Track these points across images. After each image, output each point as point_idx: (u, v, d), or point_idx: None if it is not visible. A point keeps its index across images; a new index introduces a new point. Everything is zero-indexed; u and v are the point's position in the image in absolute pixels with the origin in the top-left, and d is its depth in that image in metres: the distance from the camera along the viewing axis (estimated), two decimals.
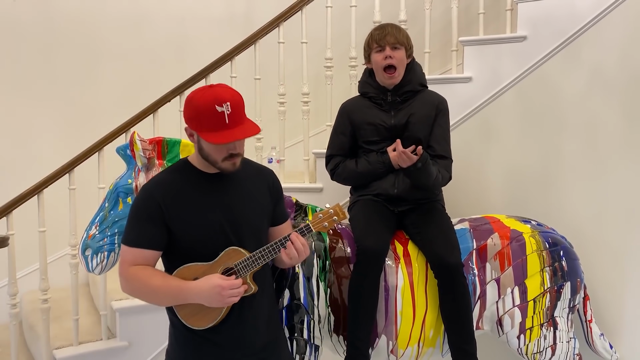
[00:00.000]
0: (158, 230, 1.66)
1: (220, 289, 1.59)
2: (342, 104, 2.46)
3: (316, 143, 3.43)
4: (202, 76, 2.92)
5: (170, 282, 1.65)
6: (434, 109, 2.33)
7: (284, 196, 1.94)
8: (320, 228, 1.70)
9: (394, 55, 2.28)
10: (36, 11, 3.41)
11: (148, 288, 1.65)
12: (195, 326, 1.69)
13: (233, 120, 1.59)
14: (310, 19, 3.10)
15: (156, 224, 1.65)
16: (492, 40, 2.91)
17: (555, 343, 2.21)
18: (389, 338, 2.17)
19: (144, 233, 1.66)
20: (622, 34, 2.52)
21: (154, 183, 1.72)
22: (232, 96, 1.61)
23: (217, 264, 1.67)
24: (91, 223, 2.09)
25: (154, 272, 1.67)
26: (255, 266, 1.66)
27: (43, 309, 2.63)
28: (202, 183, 1.71)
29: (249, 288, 1.67)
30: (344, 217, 1.71)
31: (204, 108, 1.58)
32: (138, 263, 1.67)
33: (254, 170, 1.83)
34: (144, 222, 1.66)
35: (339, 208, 1.70)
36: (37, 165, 3.16)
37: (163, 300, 1.68)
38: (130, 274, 1.67)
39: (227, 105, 1.58)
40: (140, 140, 2.03)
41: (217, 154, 1.65)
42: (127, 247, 1.68)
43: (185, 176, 1.72)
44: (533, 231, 2.28)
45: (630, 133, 2.50)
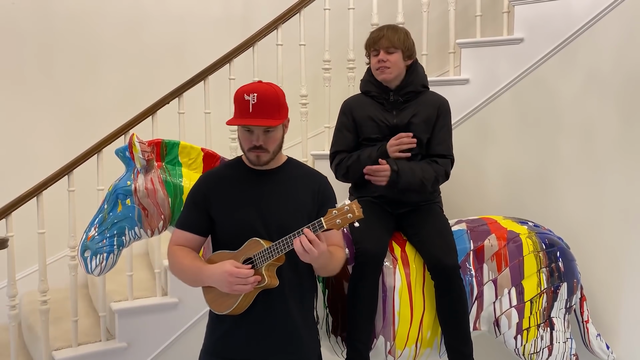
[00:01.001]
0: (200, 217, 1.81)
1: (227, 274, 1.67)
2: (344, 101, 2.47)
3: (314, 145, 3.44)
4: (200, 78, 2.93)
5: (195, 263, 1.78)
6: (436, 110, 2.34)
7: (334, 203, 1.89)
8: (332, 225, 1.64)
9: (387, 58, 2.30)
10: (35, 12, 3.42)
11: (180, 266, 1.80)
12: (216, 310, 1.79)
13: (257, 110, 1.71)
14: (309, 21, 3.12)
15: (199, 211, 1.81)
16: (489, 42, 2.92)
17: (552, 343, 2.22)
18: (387, 339, 2.18)
19: (188, 217, 1.84)
20: (617, 37, 2.54)
21: (207, 174, 1.91)
22: (264, 90, 1.74)
23: (240, 253, 1.74)
24: (90, 225, 2.10)
25: (188, 253, 1.81)
26: (271, 258, 1.69)
27: (42, 310, 2.64)
28: (247, 178, 1.83)
29: (263, 280, 1.69)
30: (359, 215, 1.62)
31: (237, 95, 1.76)
32: (181, 243, 1.83)
33: (303, 172, 1.89)
34: (191, 208, 1.84)
35: (355, 206, 1.62)
36: (36, 167, 3.16)
37: (189, 278, 1.81)
38: (170, 251, 1.84)
39: (254, 96, 1.71)
40: (139, 142, 2.04)
41: (244, 142, 1.78)
42: (176, 228, 1.86)
43: (234, 171, 1.86)
44: (530, 232, 2.30)
45: (626, 134, 2.51)
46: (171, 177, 2.11)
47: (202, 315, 2.83)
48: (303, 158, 3.12)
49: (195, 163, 2.15)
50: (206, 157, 2.15)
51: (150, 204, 2.07)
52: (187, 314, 2.84)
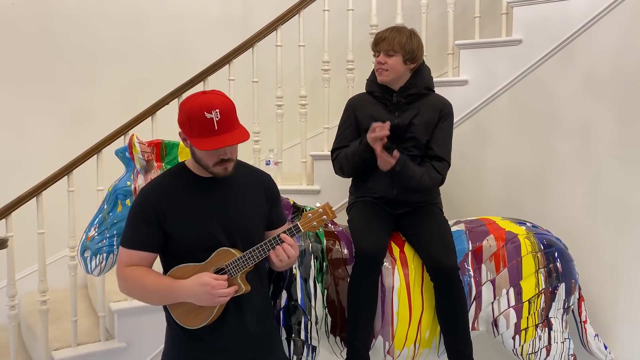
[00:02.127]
0: (153, 232, 1.70)
1: (209, 287, 1.62)
2: (349, 99, 2.48)
3: (314, 145, 3.45)
4: (200, 79, 2.94)
5: (162, 281, 1.69)
6: (438, 113, 2.34)
7: (282, 198, 1.96)
8: (309, 228, 1.70)
9: (386, 61, 2.30)
10: (35, 12, 3.42)
11: (142, 287, 1.69)
12: (189, 325, 1.71)
13: (222, 126, 1.62)
14: (308, 22, 3.12)
15: (151, 226, 1.69)
16: (488, 43, 2.93)
17: (550, 344, 2.23)
18: (386, 339, 2.19)
19: (139, 235, 1.71)
20: (615, 38, 2.55)
21: (150, 186, 1.76)
22: (222, 103, 1.63)
23: (208, 264, 1.69)
24: (90, 225, 2.10)
25: (148, 272, 1.71)
26: (246, 266, 1.68)
27: (42, 311, 2.64)
28: (198, 186, 1.74)
29: (240, 288, 1.69)
30: (333, 216, 1.71)
31: (194, 114, 1.62)
32: (134, 263, 1.71)
33: (250, 173, 1.85)
34: (140, 224, 1.71)
35: (328, 207, 1.70)
36: (36, 167, 3.16)
37: (156, 299, 1.72)
38: (126, 273, 1.71)
39: (217, 112, 1.60)
40: (139, 142, 2.04)
41: (208, 159, 1.68)
42: (124, 248, 1.73)
43: (181, 179, 1.76)
44: (528, 233, 2.31)
45: (623, 136, 2.52)
46: None
47: None
48: (302, 159, 3.13)
49: None
50: None
51: None
52: None
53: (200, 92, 1.69)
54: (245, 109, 1.74)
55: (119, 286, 1.75)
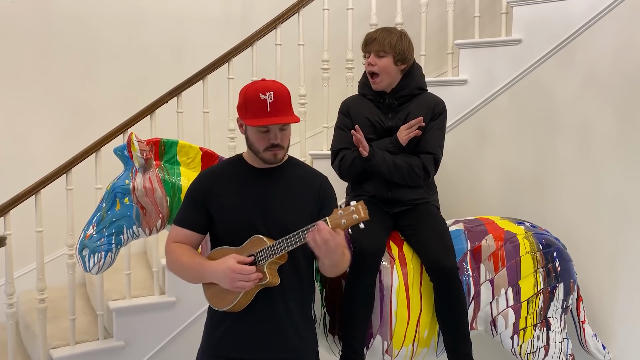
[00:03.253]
0: (199, 214, 1.80)
1: (230, 271, 1.67)
2: (343, 100, 2.48)
3: (313, 144, 3.44)
4: (199, 77, 2.93)
5: (196, 260, 1.77)
6: (430, 111, 2.34)
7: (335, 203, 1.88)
8: (337, 225, 1.61)
9: (376, 62, 2.29)
10: (34, 11, 3.41)
11: (179, 263, 1.79)
12: (216, 306, 1.78)
13: (275, 108, 1.70)
14: (307, 21, 3.12)
15: (198, 208, 1.80)
16: (488, 43, 2.93)
17: (549, 343, 2.23)
18: (384, 338, 2.19)
19: (187, 215, 1.83)
20: (615, 38, 2.55)
21: (206, 171, 1.89)
22: (277, 88, 1.73)
23: (242, 249, 1.74)
24: (88, 223, 2.10)
25: (187, 250, 1.80)
26: (273, 256, 1.68)
27: (40, 309, 2.64)
28: (248, 177, 1.81)
29: (264, 277, 1.69)
30: (365, 217, 1.58)
31: (250, 95, 1.72)
32: (179, 241, 1.82)
33: (305, 172, 1.88)
34: (189, 205, 1.83)
35: (362, 207, 1.59)
36: (34, 165, 3.16)
37: (189, 275, 1.80)
38: (169, 248, 1.83)
39: (270, 94, 1.70)
40: (137, 141, 2.04)
41: (259, 142, 1.75)
42: (174, 225, 1.85)
43: (234, 168, 1.85)
44: (527, 233, 2.30)
45: (623, 136, 2.52)
46: (169, 176, 2.11)
47: (200, 314, 2.84)
48: (301, 158, 3.13)
49: (193, 162, 2.15)
50: (204, 156, 2.15)
51: (149, 202, 2.07)
52: (184, 313, 2.84)
53: (261, 79, 1.80)
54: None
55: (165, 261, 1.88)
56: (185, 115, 2.94)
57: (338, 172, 2.39)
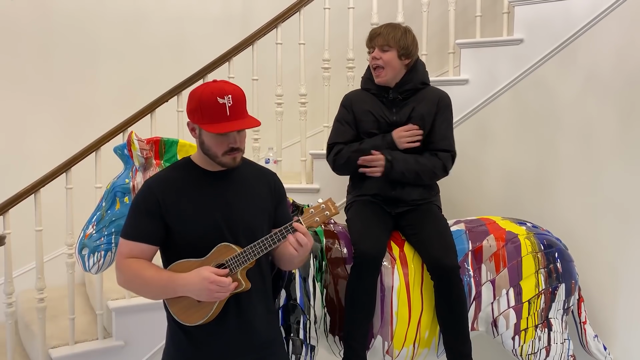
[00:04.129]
0: (155, 225, 1.68)
1: (207, 282, 1.59)
2: (346, 94, 2.47)
3: (313, 144, 3.44)
4: (199, 76, 2.93)
5: (162, 274, 1.66)
6: (435, 105, 2.35)
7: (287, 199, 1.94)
8: (311, 223, 1.66)
9: (381, 56, 2.31)
10: (34, 10, 3.41)
11: (140, 279, 1.67)
12: (186, 322, 1.69)
13: (234, 112, 1.62)
14: (308, 21, 3.11)
15: (153, 219, 1.68)
16: (489, 42, 2.92)
17: (550, 344, 2.23)
18: (385, 339, 2.18)
19: (140, 227, 1.69)
20: (617, 38, 2.54)
21: (155, 179, 1.74)
22: (234, 90, 1.64)
23: (209, 259, 1.67)
24: (88, 222, 2.09)
25: (147, 265, 1.69)
26: (246, 262, 1.66)
27: (39, 308, 2.63)
28: (203, 181, 1.72)
29: (240, 284, 1.67)
30: (335, 212, 1.67)
31: (206, 99, 1.62)
32: (134, 256, 1.69)
33: (256, 171, 1.83)
34: (141, 216, 1.69)
35: (330, 203, 1.67)
36: (34, 164, 3.16)
37: (154, 292, 1.69)
38: (124, 265, 1.69)
39: (229, 98, 1.62)
40: (137, 140, 2.03)
41: (217, 147, 1.67)
42: (124, 239, 1.71)
43: (186, 173, 1.74)
44: (528, 233, 2.30)
45: (624, 136, 2.51)
46: None
47: None
48: (302, 157, 3.12)
49: None
50: None
51: None
52: None
53: (211, 81, 1.71)
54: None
55: (117, 278, 1.73)
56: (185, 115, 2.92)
57: (332, 166, 2.40)
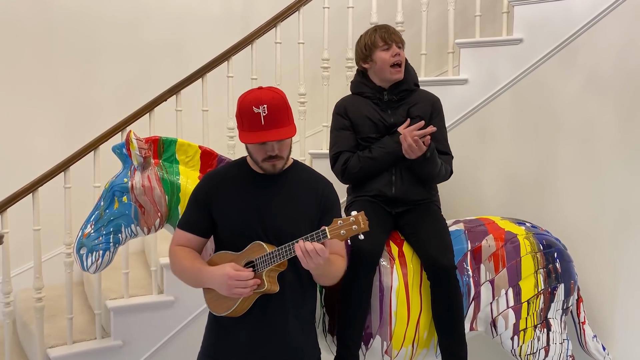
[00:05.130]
0: (202, 218, 1.79)
1: (226, 277, 1.65)
2: (337, 102, 2.44)
3: (312, 143, 3.43)
4: (198, 76, 2.92)
5: (195, 265, 1.76)
6: (430, 107, 2.36)
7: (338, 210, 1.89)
8: (336, 235, 1.60)
9: (400, 53, 2.33)
10: (34, 9, 3.40)
11: (180, 266, 1.79)
12: (214, 311, 1.77)
13: (269, 122, 1.67)
14: (308, 20, 3.11)
15: (201, 212, 1.79)
16: (488, 42, 2.92)
17: (549, 344, 2.22)
18: (384, 339, 2.18)
19: (190, 218, 1.82)
20: (617, 38, 2.54)
21: (211, 174, 1.87)
22: (271, 99, 1.68)
23: (242, 255, 1.73)
24: (86, 222, 2.08)
25: (189, 253, 1.79)
26: (272, 263, 1.67)
27: (37, 308, 2.62)
28: (250, 180, 1.80)
29: (262, 284, 1.68)
30: (365, 228, 1.58)
31: (244, 108, 1.69)
32: (181, 244, 1.82)
33: (308, 177, 1.85)
34: (193, 208, 1.82)
35: (362, 218, 1.58)
36: (32, 163, 3.15)
37: (189, 280, 1.79)
38: (171, 251, 1.83)
39: (264, 108, 1.66)
40: (136, 139, 2.03)
41: (257, 154, 1.74)
42: (178, 228, 1.85)
43: (238, 171, 1.83)
44: (527, 233, 2.30)
45: (625, 136, 2.51)
46: (168, 174, 2.10)
47: (198, 314, 2.83)
48: (301, 157, 3.12)
49: (192, 161, 2.14)
50: (203, 155, 2.14)
51: (147, 201, 2.06)
52: (182, 313, 2.83)
53: (257, 87, 1.75)
54: None
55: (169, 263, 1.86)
56: (184, 114, 2.93)
57: (342, 176, 2.36)
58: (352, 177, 2.33)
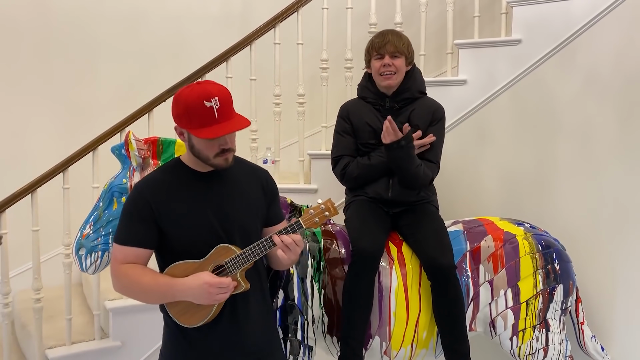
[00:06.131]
0: (148, 229, 1.66)
1: (207, 286, 1.59)
2: (342, 105, 2.47)
3: (311, 144, 3.43)
4: (197, 76, 2.92)
5: (160, 280, 1.65)
6: (430, 116, 2.35)
7: (279, 197, 1.94)
8: (311, 224, 1.67)
9: (392, 63, 2.31)
10: (33, 9, 3.39)
11: (138, 286, 1.66)
12: (186, 324, 1.69)
13: (222, 114, 1.60)
14: (307, 21, 3.11)
15: (146, 223, 1.66)
16: (487, 43, 2.92)
17: (548, 345, 2.23)
18: (383, 339, 2.18)
19: (134, 231, 1.67)
20: (616, 38, 2.54)
21: (145, 182, 1.72)
22: (219, 91, 1.61)
23: (207, 261, 1.67)
24: (85, 222, 2.08)
25: (144, 270, 1.67)
26: (246, 263, 1.66)
27: (36, 309, 2.62)
28: (194, 182, 1.71)
29: (239, 285, 1.67)
30: (335, 212, 1.68)
31: (192, 104, 1.59)
32: (129, 261, 1.68)
33: (248, 169, 1.82)
34: (134, 221, 1.67)
35: (330, 203, 1.68)
36: (31, 163, 3.14)
37: (153, 298, 1.69)
38: (120, 271, 1.67)
39: (216, 100, 1.58)
40: (135, 139, 2.03)
41: (208, 150, 1.64)
42: (118, 245, 1.69)
43: (176, 175, 1.71)
44: (526, 233, 2.30)
45: (623, 136, 2.51)
46: None
47: None
48: (300, 157, 3.12)
49: None
50: None
51: None
52: None
53: (194, 83, 1.67)
54: (242, 107, 1.73)
55: (113, 284, 1.72)
56: None
57: (341, 179, 2.40)
58: (351, 181, 2.37)
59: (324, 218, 1.68)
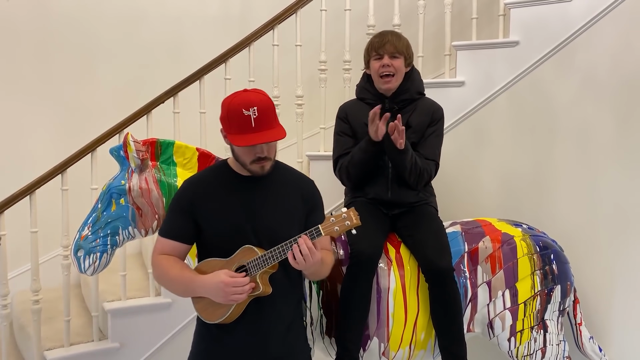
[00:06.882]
0: (186, 224, 1.75)
1: (223, 285, 1.63)
2: (340, 106, 2.46)
3: (310, 145, 3.44)
4: (196, 78, 2.92)
5: (185, 274, 1.73)
6: (429, 117, 2.34)
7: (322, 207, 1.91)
8: (330, 232, 1.64)
9: (392, 63, 2.30)
10: (31, 10, 3.40)
11: (167, 276, 1.75)
12: (207, 320, 1.75)
13: (259, 124, 1.65)
14: (305, 22, 3.11)
15: (185, 218, 1.75)
16: (485, 45, 2.93)
17: (545, 346, 2.23)
18: (381, 340, 2.18)
19: (173, 225, 1.78)
20: (613, 40, 2.55)
21: (191, 178, 1.83)
22: (260, 101, 1.67)
23: (232, 260, 1.71)
24: (84, 224, 2.08)
25: (175, 263, 1.76)
26: (265, 265, 1.67)
27: (34, 310, 2.62)
28: (234, 184, 1.78)
29: (257, 287, 1.68)
30: (357, 223, 1.62)
31: (232, 110, 1.67)
32: (165, 252, 1.77)
33: (292, 177, 1.86)
34: (175, 215, 1.78)
35: (353, 213, 1.63)
36: (29, 165, 3.15)
37: (177, 289, 1.77)
38: (156, 261, 1.78)
39: (254, 110, 1.65)
40: (133, 141, 2.03)
41: (245, 156, 1.72)
42: (159, 236, 1.80)
43: (220, 175, 1.80)
44: (524, 235, 2.30)
45: (621, 138, 2.52)
46: (166, 176, 2.10)
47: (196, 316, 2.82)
48: (298, 159, 3.12)
49: (190, 163, 2.14)
50: (201, 157, 2.14)
51: (145, 203, 2.06)
52: (180, 315, 2.83)
53: (242, 90, 1.73)
54: None
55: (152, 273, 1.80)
56: (181, 116, 2.93)
57: (340, 180, 2.39)
58: (349, 181, 2.36)
59: (345, 228, 1.62)
